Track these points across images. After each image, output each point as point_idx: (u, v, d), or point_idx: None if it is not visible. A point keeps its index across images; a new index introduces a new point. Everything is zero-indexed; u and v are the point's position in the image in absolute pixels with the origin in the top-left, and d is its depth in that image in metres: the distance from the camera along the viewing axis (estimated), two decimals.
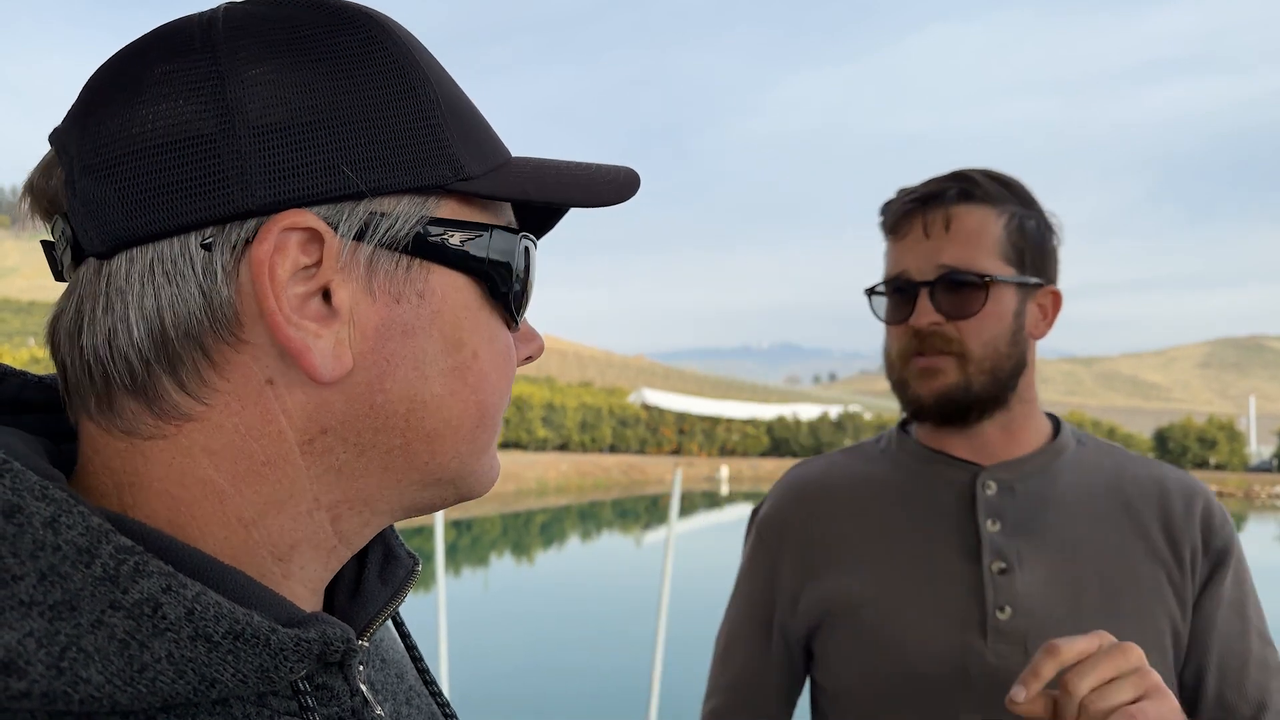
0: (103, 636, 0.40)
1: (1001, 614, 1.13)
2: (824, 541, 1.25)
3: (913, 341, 1.19)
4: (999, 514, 1.17)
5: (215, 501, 0.46)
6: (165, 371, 0.45)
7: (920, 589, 1.17)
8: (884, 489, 1.26)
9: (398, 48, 0.48)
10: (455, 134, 0.49)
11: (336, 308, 0.46)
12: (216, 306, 0.45)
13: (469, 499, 0.54)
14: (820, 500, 1.29)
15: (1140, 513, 1.19)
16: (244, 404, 0.46)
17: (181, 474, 0.46)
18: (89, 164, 0.45)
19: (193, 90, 0.44)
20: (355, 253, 0.46)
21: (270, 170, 0.44)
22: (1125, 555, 1.17)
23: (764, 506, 1.35)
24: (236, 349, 0.45)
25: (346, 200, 0.46)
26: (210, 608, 0.41)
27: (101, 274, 0.45)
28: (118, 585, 0.40)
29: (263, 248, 0.44)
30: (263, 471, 0.46)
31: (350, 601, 0.55)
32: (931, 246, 1.18)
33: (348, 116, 0.46)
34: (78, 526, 0.41)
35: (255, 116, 0.44)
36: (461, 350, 0.50)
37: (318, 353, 0.45)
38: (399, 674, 0.60)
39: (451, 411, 0.50)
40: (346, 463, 0.48)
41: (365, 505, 0.50)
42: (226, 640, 0.41)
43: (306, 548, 0.49)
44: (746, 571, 1.33)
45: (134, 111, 0.45)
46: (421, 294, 0.48)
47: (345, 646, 0.47)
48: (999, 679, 1.11)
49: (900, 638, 1.16)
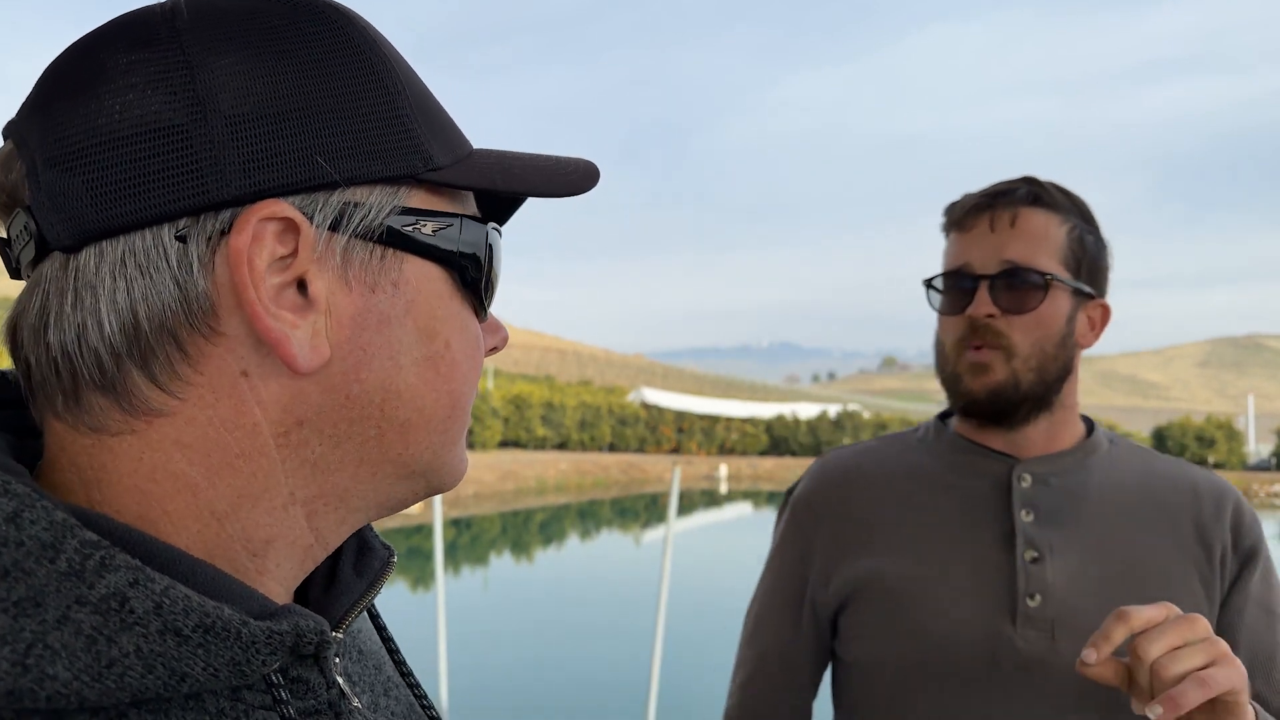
0: (69, 632, 0.39)
1: (1032, 601, 1.15)
2: (861, 521, 1.27)
3: (967, 333, 1.21)
4: (1033, 505, 1.20)
5: (188, 495, 0.45)
6: (136, 366, 0.44)
7: (953, 574, 1.19)
8: (921, 475, 1.28)
9: (363, 39, 0.48)
10: (422, 125, 0.49)
11: (313, 298, 0.46)
12: (192, 298, 0.44)
13: (440, 492, 0.54)
14: (857, 482, 1.31)
15: (1172, 512, 1.22)
16: (218, 396, 0.45)
17: (152, 468, 0.45)
18: (53, 156, 0.44)
19: (161, 80, 0.44)
20: (330, 243, 0.46)
21: (245, 160, 0.44)
22: (1156, 552, 1.19)
23: (800, 486, 1.37)
24: (211, 341, 0.45)
25: (320, 190, 0.46)
26: (179, 601, 0.41)
27: (69, 269, 0.44)
28: (83, 580, 0.39)
29: (240, 238, 0.43)
30: (236, 464, 0.46)
31: (325, 594, 0.55)
32: (997, 241, 1.21)
33: (318, 107, 0.45)
34: (41, 521, 0.40)
35: (227, 106, 0.44)
36: (435, 340, 0.50)
37: (296, 343, 0.45)
38: (376, 665, 0.59)
39: (424, 401, 0.50)
40: (322, 456, 0.48)
41: (341, 501, 0.49)
42: (196, 634, 0.41)
43: (281, 544, 0.48)
44: (779, 548, 1.35)
45: (99, 102, 0.44)
46: (396, 284, 0.48)
47: (319, 638, 0.46)
48: (1025, 665, 1.14)
49: (931, 620, 1.18)
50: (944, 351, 1.25)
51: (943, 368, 1.26)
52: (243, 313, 0.45)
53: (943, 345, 1.26)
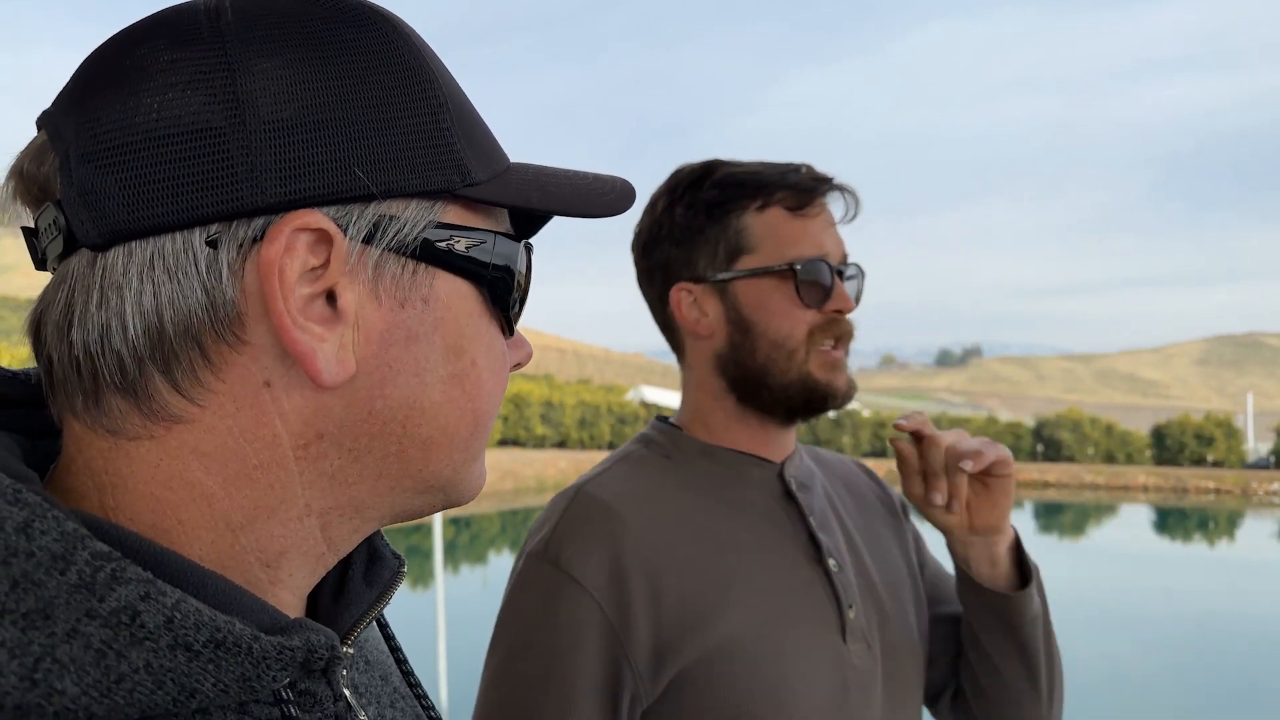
0: (78, 646, 0.38)
1: (851, 613, 1.11)
2: (666, 575, 1.04)
3: (824, 327, 1.15)
4: (811, 510, 1.16)
5: (203, 505, 0.45)
6: (159, 370, 0.44)
7: (790, 610, 1.08)
8: (699, 499, 1.12)
9: (409, 48, 0.47)
10: (462, 138, 0.48)
11: (342, 311, 0.45)
12: (220, 305, 0.43)
13: (457, 505, 0.53)
14: (639, 527, 1.06)
15: (862, 491, 1.30)
16: (239, 406, 0.45)
17: (169, 476, 0.44)
18: (88, 151, 0.43)
19: (201, 81, 0.43)
20: (363, 256, 0.45)
21: (282, 167, 0.43)
22: (884, 535, 1.26)
23: (571, 546, 1.04)
24: (236, 350, 0.44)
25: (356, 202, 0.45)
26: (190, 615, 0.40)
27: (96, 267, 0.44)
28: (94, 593, 0.39)
29: (273, 247, 0.43)
30: (254, 475, 0.45)
31: (334, 603, 0.54)
32: (837, 233, 1.18)
33: (360, 116, 0.45)
34: (52, 532, 0.39)
35: (267, 111, 0.43)
36: (461, 358, 0.49)
37: (322, 356, 0.44)
38: (383, 676, 0.59)
39: (448, 419, 0.49)
40: (340, 469, 0.47)
41: (356, 513, 0.49)
42: (207, 649, 0.40)
43: (295, 555, 0.48)
44: (565, 638, 1.00)
45: (138, 100, 0.43)
46: (426, 299, 0.48)
47: (330, 654, 0.46)
48: (863, 683, 1.09)
49: (787, 671, 1.05)
50: (788, 347, 1.13)
51: (785, 367, 1.13)
52: (270, 323, 0.44)
53: (785, 340, 1.13)
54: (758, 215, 1.14)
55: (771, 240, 1.13)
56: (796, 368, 1.13)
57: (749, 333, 1.14)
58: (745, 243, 1.14)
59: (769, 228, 1.13)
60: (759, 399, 1.14)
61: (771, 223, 1.13)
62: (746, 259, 1.14)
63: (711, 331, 1.16)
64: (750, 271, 1.13)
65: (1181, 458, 52.27)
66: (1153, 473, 48.35)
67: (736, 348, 1.14)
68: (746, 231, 1.14)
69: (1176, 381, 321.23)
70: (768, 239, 1.13)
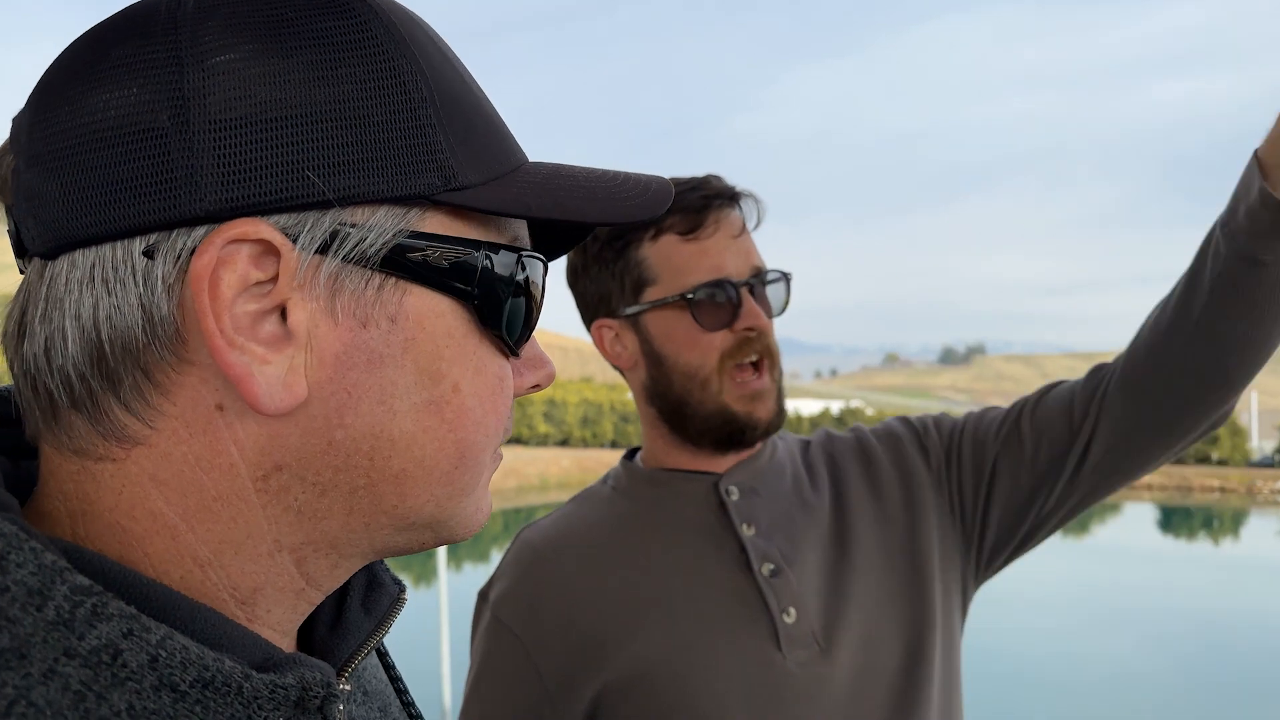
0: (55, 688, 0.36)
1: (788, 617, 1.08)
2: (587, 605, 1.10)
3: (735, 349, 1.13)
4: (751, 518, 1.13)
5: (167, 538, 0.42)
6: (106, 389, 0.41)
7: (711, 625, 1.08)
8: (628, 526, 1.16)
9: (390, 37, 0.43)
10: (451, 137, 0.43)
11: (292, 330, 0.41)
12: (156, 322, 0.40)
13: (453, 542, 0.49)
14: (567, 562, 1.14)
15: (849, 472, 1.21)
16: (192, 431, 0.41)
17: (131, 504, 0.42)
18: (35, 154, 0.41)
19: (148, 77, 0.40)
20: (317, 269, 0.41)
21: (223, 171, 0.39)
22: (866, 522, 1.17)
23: (498, 585, 1.16)
24: (179, 370, 0.41)
25: (311, 209, 0.41)
26: (176, 653, 0.38)
27: (44, 277, 0.41)
28: (73, 630, 0.37)
29: (203, 260, 0.39)
30: (214, 508, 0.42)
31: (331, 632, 0.51)
32: (745, 244, 1.15)
33: (321, 114, 0.41)
34: (28, 565, 0.37)
35: (216, 110, 0.39)
36: (439, 383, 0.44)
37: (262, 380, 0.40)
38: (382, 707, 0.55)
39: (424, 451, 0.45)
40: (306, 503, 0.43)
41: (332, 549, 0.45)
42: (194, 690, 0.38)
43: (270, 591, 0.44)
44: (490, 669, 1.12)
45: (86, 99, 0.40)
46: (393, 318, 0.43)
47: (325, 691, 0.43)
48: (805, 691, 1.06)
49: (701, 688, 1.05)
50: (700, 377, 1.11)
51: (701, 398, 1.11)
52: (206, 343, 0.40)
53: (697, 370, 1.11)
54: (653, 245, 1.13)
55: (668, 269, 1.12)
56: (712, 399, 1.11)
57: (662, 365, 1.15)
58: (646, 275, 1.14)
59: (663, 257, 1.12)
60: (685, 429, 1.15)
61: (665, 251, 1.12)
62: (650, 290, 1.14)
63: (634, 364, 1.18)
64: (652, 304, 1.13)
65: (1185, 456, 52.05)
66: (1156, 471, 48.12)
67: (656, 380, 1.16)
68: (646, 263, 1.13)
69: None
70: (665, 268, 1.12)
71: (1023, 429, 1.16)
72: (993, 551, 1.20)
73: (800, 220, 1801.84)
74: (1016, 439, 1.16)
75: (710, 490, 1.16)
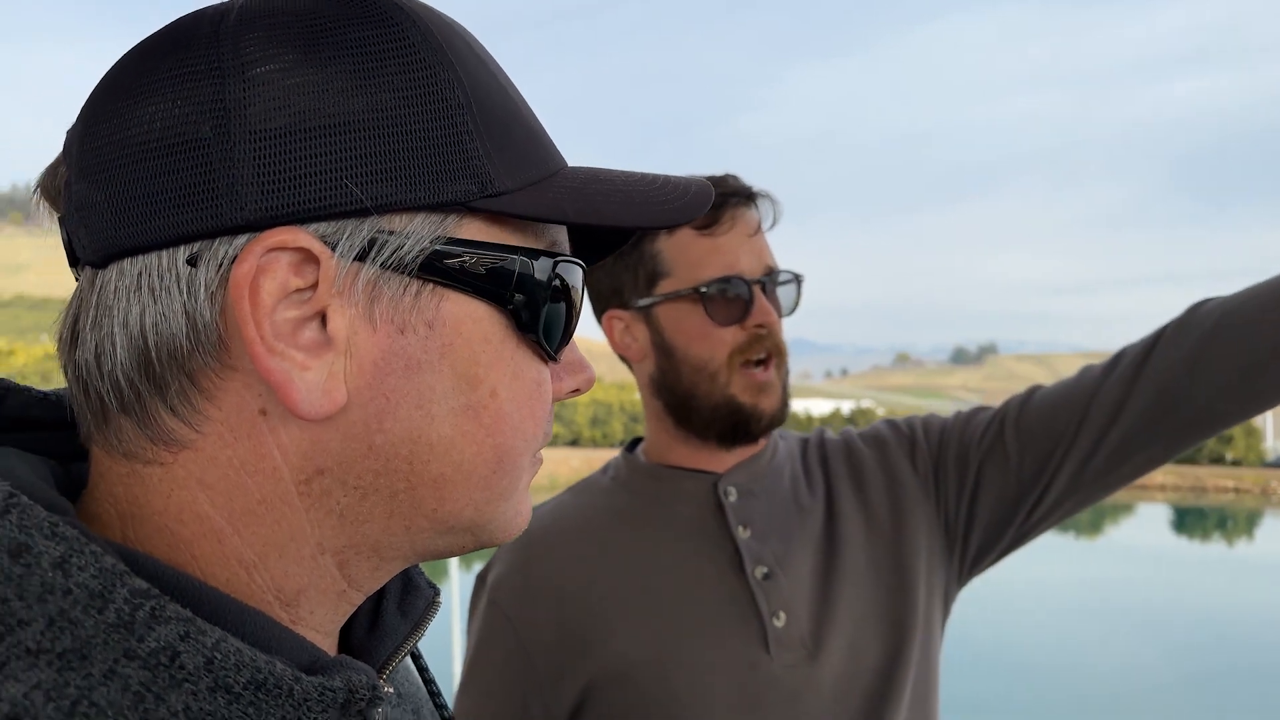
0: (116, 689, 0.37)
1: (778, 621, 1.09)
2: (575, 596, 1.12)
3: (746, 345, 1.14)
4: (747, 520, 1.14)
5: (214, 541, 0.43)
6: (154, 394, 0.42)
7: (697, 624, 1.09)
8: (624, 519, 1.17)
9: (427, 44, 0.43)
10: (488, 143, 0.44)
11: (332, 336, 0.42)
12: (200, 329, 0.41)
13: (492, 545, 0.50)
14: (559, 549, 1.16)
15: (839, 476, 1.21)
16: (236, 435, 0.42)
17: (179, 508, 0.43)
18: (86, 166, 0.42)
19: (192, 89, 0.41)
20: (355, 276, 0.42)
21: (264, 181, 0.40)
22: (855, 518, 1.17)
23: (495, 569, 1.18)
24: (223, 376, 0.42)
25: (350, 217, 0.42)
26: (231, 656, 0.39)
27: (95, 284, 0.43)
28: (133, 633, 0.38)
29: (244, 268, 0.40)
30: (259, 511, 0.43)
31: (368, 635, 0.52)
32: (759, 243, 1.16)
33: (360, 123, 0.41)
34: (90, 568, 0.38)
35: (256, 120, 0.40)
36: (477, 388, 0.45)
37: (302, 386, 0.41)
38: (415, 709, 0.57)
39: (462, 455, 0.45)
40: (348, 507, 0.44)
41: (374, 552, 0.46)
42: (248, 691, 0.39)
43: (314, 593, 0.45)
44: (484, 651, 1.15)
45: (133, 112, 0.41)
46: (430, 324, 0.44)
47: (371, 694, 0.43)
48: (791, 694, 1.06)
49: (682, 686, 1.07)
50: (709, 370, 1.13)
51: (709, 390, 1.13)
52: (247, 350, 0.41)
53: (706, 363, 1.13)
54: (668, 238, 1.14)
55: (683, 262, 1.13)
56: (720, 390, 1.13)
57: (672, 357, 1.15)
58: (660, 267, 1.14)
59: (679, 250, 1.13)
60: (691, 422, 1.16)
61: (682, 244, 1.13)
62: (664, 283, 1.14)
63: (643, 356, 1.19)
64: (665, 296, 1.14)
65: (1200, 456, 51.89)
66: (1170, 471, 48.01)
67: (665, 372, 1.16)
68: (660, 256, 1.14)
69: None
70: (679, 261, 1.13)
71: (1006, 436, 1.15)
72: (977, 555, 1.20)
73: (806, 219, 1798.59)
74: (1000, 446, 1.15)
75: (709, 490, 1.16)
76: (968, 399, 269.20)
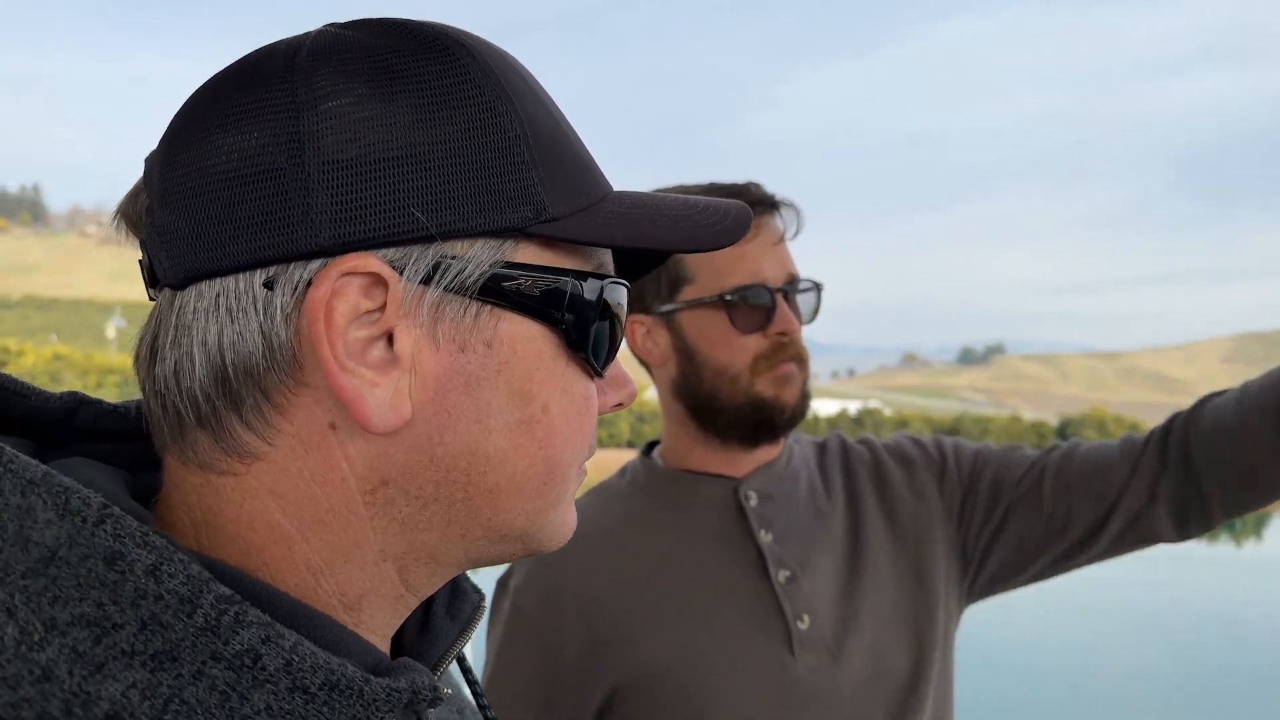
0: (204, 688, 0.39)
1: (801, 623, 1.10)
2: (598, 600, 1.13)
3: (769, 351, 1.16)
4: (768, 523, 1.16)
5: (284, 548, 0.45)
6: (229, 409, 0.44)
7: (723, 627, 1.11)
8: (644, 522, 1.18)
9: (487, 79, 0.46)
10: (542, 172, 0.46)
11: (399, 355, 0.45)
12: (275, 348, 0.44)
13: (539, 554, 0.52)
14: (581, 553, 1.15)
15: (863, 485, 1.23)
16: (307, 448, 0.45)
17: (252, 516, 0.45)
18: (166, 193, 0.45)
19: (267, 121, 0.43)
20: (420, 298, 0.44)
21: (337, 209, 0.43)
22: (878, 529, 1.19)
23: (519, 574, 1.19)
24: (295, 392, 0.44)
25: (416, 243, 0.44)
26: (307, 658, 0.41)
27: (174, 305, 0.45)
28: (218, 636, 0.40)
29: (319, 292, 0.43)
30: (327, 520, 0.45)
31: (419, 638, 0.55)
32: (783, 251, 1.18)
33: (425, 154, 0.44)
34: (179, 575, 0.40)
35: (330, 151, 0.43)
36: (530, 403, 0.48)
37: (372, 402, 0.44)
38: (459, 709, 0.60)
39: (516, 467, 0.48)
40: (409, 516, 0.47)
41: (431, 558, 0.49)
42: (322, 692, 0.41)
43: (374, 598, 0.48)
44: (507, 654, 1.15)
45: (210, 142, 0.44)
46: (489, 343, 0.46)
47: (432, 694, 0.46)
48: (812, 695, 1.08)
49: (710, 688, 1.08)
50: (730, 374, 1.14)
51: (731, 392, 1.14)
52: (320, 367, 0.44)
53: (728, 368, 1.14)
54: None
55: (707, 270, 1.14)
56: (742, 391, 1.14)
57: (694, 361, 1.17)
58: (684, 273, 1.16)
59: (704, 257, 1.16)
60: (714, 424, 1.17)
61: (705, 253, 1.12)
62: (687, 290, 1.16)
63: (664, 360, 1.20)
64: (688, 303, 1.15)
65: None
66: None
67: (687, 376, 1.18)
68: (684, 262, 1.17)
69: (1203, 379, 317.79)
70: (703, 269, 1.15)
71: (1045, 484, 1.17)
72: (987, 584, 1.23)
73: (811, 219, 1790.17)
74: (1037, 491, 1.17)
75: (729, 494, 1.18)
76: (975, 399, 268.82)
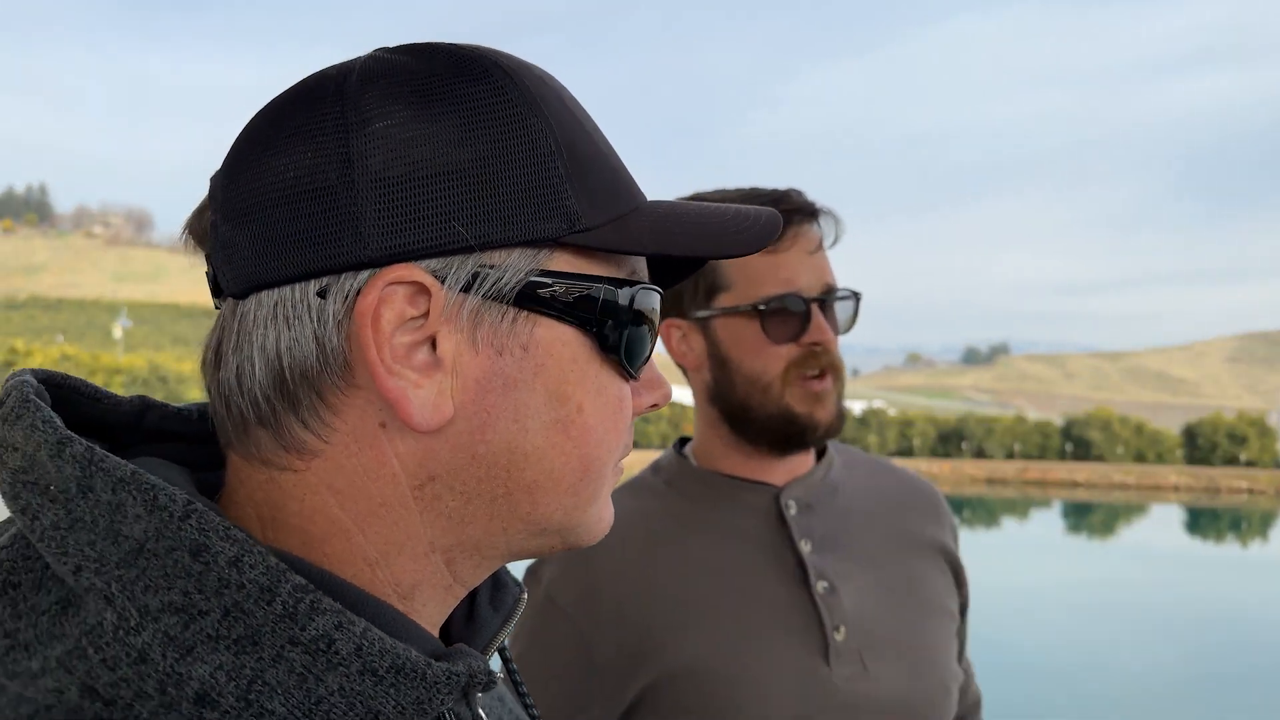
0: (283, 670, 0.43)
1: (838, 635, 1.11)
2: (641, 599, 1.12)
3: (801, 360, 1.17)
4: (808, 534, 1.16)
5: (342, 540, 0.48)
6: (287, 409, 0.48)
7: (761, 632, 1.11)
8: (684, 525, 1.18)
9: (522, 98, 0.49)
10: (576, 184, 0.49)
11: (441, 358, 0.47)
12: (328, 352, 0.47)
13: (579, 547, 0.55)
14: (615, 551, 1.13)
15: (910, 514, 1.26)
16: (360, 445, 0.48)
17: (313, 510, 0.48)
18: (229, 210, 0.48)
19: (319, 141, 0.47)
20: (461, 305, 0.47)
21: (384, 223, 0.46)
22: (915, 557, 1.22)
23: (552, 567, 1.17)
24: (347, 393, 0.47)
25: (457, 254, 0.47)
26: (375, 643, 0.44)
27: (236, 313, 0.49)
28: (296, 622, 0.43)
29: (367, 300, 0.46)
30: (380, 513, 0.48)
31: (465, 628, 0.58)
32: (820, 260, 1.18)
33: (465, 171, 0.47)
34: (259, 566, 0.43)
35: (377, 169, 0.46)
36: (565, 404, 0.50)
37: (416, 402, 0.47)
38: (500, 697, 0.63)
39: (552, 464, 0.50)
40: (455, 509, 0.50)
41: (476, 550, 0.52)
42: (390, 675, 0.44)
43: (426, 588, 0.51)
44: (543, 649, 1.14)
45: (269, 162, 0.47)
46: (525, 346, 0.49)
47: (486, 679, 0.49)
48: (847, 705, 1.09)
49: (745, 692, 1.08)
50: (762, 383, 1.15)
51: (762, 401, 1.14)
52: (369, 370, 0.47)
53: (759, 376, 1.15)
54: None
55: (742, 278, 1.14)
56: (774, 401, 1.14)
57: (726, 368, 1.17)
58: (720, 281, 1.16)
59: (739, 265, 1.14)
60: (746, 430, 1.17)
61: (741, 260, 1.13)
62: (723, 297, 1.16)
63: (699, 365, 1.21)
64: (723, 310, 1.16)
65: (1214, 457, 51.58)
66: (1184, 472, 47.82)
67: (720, 382, 1.19)
68: (721, 269, 1.15)
69: (1207, 379, 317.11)
70: (739, 276, 1.15)
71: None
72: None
73: None
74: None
75: (770, 502, 1.18)
76: (979, 399, 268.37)
